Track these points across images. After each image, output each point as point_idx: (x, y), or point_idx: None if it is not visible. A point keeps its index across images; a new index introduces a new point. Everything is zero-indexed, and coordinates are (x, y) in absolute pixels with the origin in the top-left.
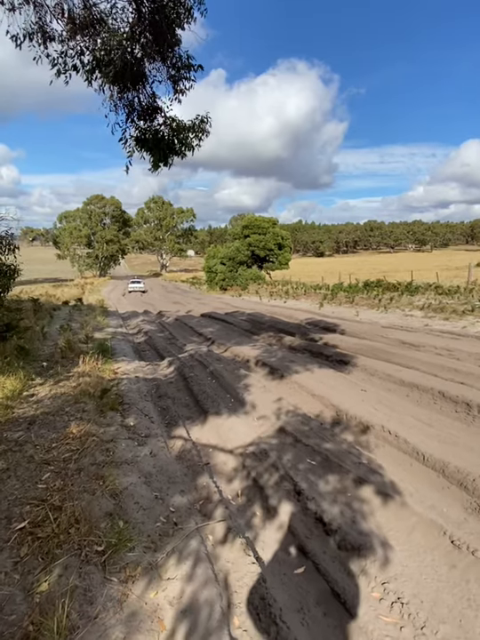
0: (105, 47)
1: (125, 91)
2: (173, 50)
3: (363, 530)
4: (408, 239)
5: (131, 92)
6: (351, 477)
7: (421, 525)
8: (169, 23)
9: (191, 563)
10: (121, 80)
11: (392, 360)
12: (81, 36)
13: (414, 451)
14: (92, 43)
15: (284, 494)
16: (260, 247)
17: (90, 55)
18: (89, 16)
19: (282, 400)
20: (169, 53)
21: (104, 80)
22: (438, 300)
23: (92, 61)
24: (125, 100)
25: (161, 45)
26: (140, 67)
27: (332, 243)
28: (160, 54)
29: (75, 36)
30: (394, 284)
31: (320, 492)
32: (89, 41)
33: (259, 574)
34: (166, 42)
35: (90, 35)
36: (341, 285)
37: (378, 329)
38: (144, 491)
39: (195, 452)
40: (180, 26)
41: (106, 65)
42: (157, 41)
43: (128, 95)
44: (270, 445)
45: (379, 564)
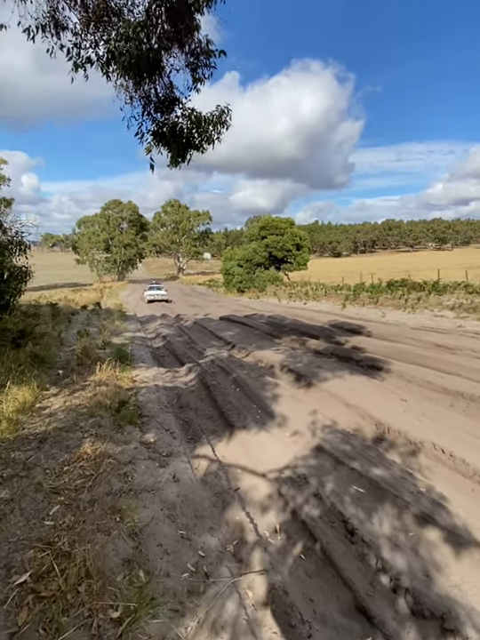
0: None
1: (141, 82)
2: (192, 35)
3: (440, 591)
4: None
5: (147, 83)
6: (411, 512)
7: None
8: (188, 5)
9: (228, 636)
10: (137, 70)
11: (428, 365)
12: (95, 27)
13: (475, 473)
14: (106, 33)
15: (333, 534)
16: (277, 248)
17: (105, 46)
18: (103, 4)
19: (315, 412)
20: (187, 39)
21: (120, 72)
22: (470, 299)
23: (106, 53)
24: (141, 91)
25: (178, 31)
26: (157, 55)
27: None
28: (178, 41)
29: (89, 26)
30: (419, 283)
31: (377, 532)
32: (103, 32)
33: None
34: (184, 26)
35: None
36: (363, 285)
37: (407, 331)
38: (168, 528)
39: (222, 474)
40: (200, 10)
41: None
42: (175, 26)
43: (144, 86)
44: (309, 468)
45: None
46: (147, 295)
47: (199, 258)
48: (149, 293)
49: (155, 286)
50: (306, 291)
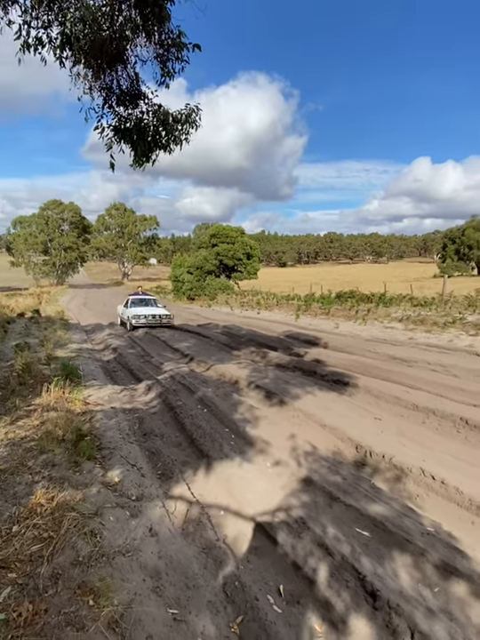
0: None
1: (102, 71)
2: (162, 25)
3: None
4: (366, 251)
5: (108, 73)
6: (429, 560)
7: None
8: None
9: None
10: (96, 58)
11: (392, 379)
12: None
13: (472, 504)
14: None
15: (350, 596)
16: (228, 256)
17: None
18: None
19: (294, 437)
20: (156, 29)
21: (76, 58)
22: (416, 311)
23: (60, 35)
24: (102, 81)
25: (146, 19)
26: (120, 43)
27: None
28: (145, 29)
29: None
30: (367, 295)
31: (400, 590)
32: (58, 12)
33: None
34: (153, 14)
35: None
36: (314, 296)
37: (362, 342)
38: (155, 607)
39: (205, 520)
40: None
41: (77, 40)
42: (142, 13)
43: (105, 76)
44: (302, 508)
45: None
46: (131, 317)
47: (145, 263)
48: (137, 314)
49: (144, 299)
50: (257, 300)
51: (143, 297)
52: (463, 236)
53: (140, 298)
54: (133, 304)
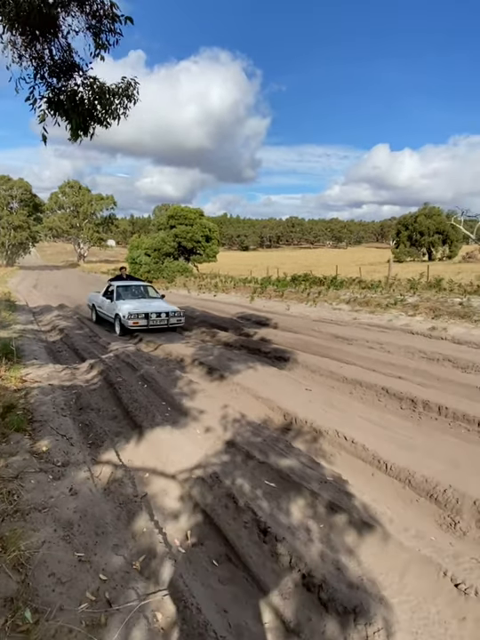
0: None
1: (33, 39)
2: None
3: (352, 580)
4: (326, 236)
5: (40, 42)
6: (320, 502)
7: (415, 565)
8: None
9: None
10: (26, 25)
11: (330, 355)
12: None
13: (375, 458)
14: None
15: (246, 534)
16: (187, 239)
17: None
18: None
19: (227, 407)
20: None
21: (4, 24)
22: (363, 293)
23: None
24: (33, 50)
25: None
26: (52, 11)
27: (257, 237)
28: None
29: None
30: (320, 278)
31: (289, 526)
32: None
33: None
34: None
35: None
36: (270, 279)
37: (310, 323)
38: (62, 552)
39: (127, 480)
40: None
41: (4, 5)
42: None
43: (36, 45)
44: (220, 465)
45: (384, 636)
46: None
47: (102, 245)
48: (133, 311)
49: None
50: (215, 283)
51: (131, 283)
52: (415, 223)
53: (127, 285)
54: (121, 295)
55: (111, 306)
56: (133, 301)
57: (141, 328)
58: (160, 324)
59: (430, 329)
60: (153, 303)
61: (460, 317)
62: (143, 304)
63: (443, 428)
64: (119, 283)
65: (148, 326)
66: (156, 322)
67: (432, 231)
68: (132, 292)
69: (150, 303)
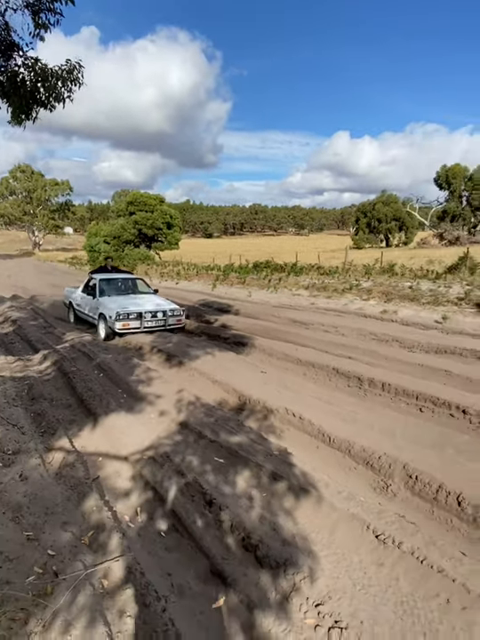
0: None
1: None
2: None
3: (286, 538)
4: (289, 223)
5: None
6: (264, 473)
7: (343, 522)
8: None
9: (79, 632)
10: None
11: (288, 339)
12: None
13: (320, 432)
14: None
15: (193, 506)
16: (147, 225)
17: None
18: None
19: (182, 391)
20: None
21: None
22: (321, 279)
23: None
24: None
25: None
26: None
27: (220, 224)
28: None
29: None
30: (281, 265)
31: (233, 496)
32: None
33: (170, 626)
34: None
35: None
36: (232, 266)
37: (270, 309)
38: (11, 532)
39: (79, 465)
40: None
41: None
42: None
43: None
44: (172, 445)
45: (309, 581)
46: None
47: (59, 232)
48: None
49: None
50: (178, 270)
51: (118, 276)
52: (374, 210)
53: (112, 278)
54: (105, 290)
55: (93, 304)
56: (121, 298)
57: (133, 331)
58: (156, 326)
59: (382, 312)
60: (145, 300)
61: (409, 300)
62: (134, 301)
63: (385, 402)
64: (103, 275)
65: (142, 329)
66: (152, 323)
67: (389, 218)
68: (118, 286)
69: (142, 300)
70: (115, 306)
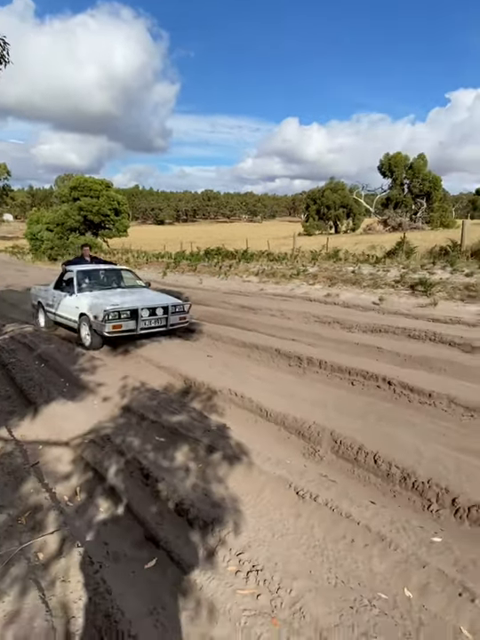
0: None
1: None
2: None
3: (216, 501)
4: (242, 210)
5: None
6: (201, 447)
7: (270, 483)
8: None
9: (12, 598)
10: None
11: (236, 324)
12: None
13: (258, 408)
14: None
15: (131, 481)
16: (93, 212)
17: None
18: None
19: (127, 377)
20: None
21: None
22: (270, 266)
23: None
24: None
25: None
26: None
27: (172, 211)
28: None
29: None
30: (232, 251)
31: (169, 469)
32: None
33: (101, 584)
34: None
35: None
36: (184, 254)
37: (220, 295)
38: None
39: (18, 452)
40: None
41: None
42: None
43: None
44: (114, 428)
45: (233, 535)
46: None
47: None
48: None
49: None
50: (127, 258)
51: (100, 267)
52: (323, 197)
53: (93, 269)
54: (85, 285)
55: (72, 302)
56: (107, 293)
57: (127, 334)
58: (156, 327)
59: (325, 295)
60: (137, 294)
61: (351, 284)
62: (124, 297)
63: (321, 379)
64: (80, 267)
65: (138, 331)
66: (150, 323)
67: (337, 205)
68: (101, 279)
69: (133, 295)
70: (101, 302)
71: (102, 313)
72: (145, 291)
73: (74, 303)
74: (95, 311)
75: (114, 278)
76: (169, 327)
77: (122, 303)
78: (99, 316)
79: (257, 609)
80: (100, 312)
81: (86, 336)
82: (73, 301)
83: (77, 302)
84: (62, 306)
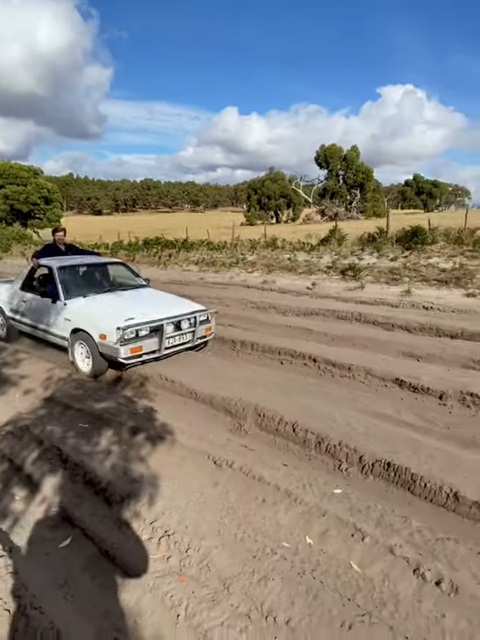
0: None
1: None
2: None
3: (134, 478)
4: (184, 200)
5: None
6: (125, 429)
7: (190, 457)
8: None
9: None
10: None
11: None
12: None
13: (188, 391)
14: None
15: (48, 468)
16: (20, 201)
17: None
18: None
19: (54, 369)
20: None
21: None
22: (210, 254)
23: None
24: None
25: None
26: None
27: (110, 200)
28: None
29: None
30: (171, 241)
31: (90, 453)
32: None
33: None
34: None
35: None
36: (121, 244)
37: (159, 285)
38: None
39: None
40: None
41: None
42: None
43: None
44: (34, 419)
45: (147, 506)
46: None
47: None
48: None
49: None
50: None
51: (85, 260)
52: (263, 187)
53: (80, 265)
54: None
55: (56, 312)
56: (108, 299)
57: (146, 359)
58: (181, 344)
59: (263, 282)
60: (147, 299)
61: (287, 271)
62: (133, 304)
63: (252, 360)
64: (61, 261)
65: (162, 351)
66: (175, 340)
67: (278, 195)
68: (91, 277)
69: (142, 300)
70: (109, 315)
71: (115, 331)
72: (152, 292)
73: (61, 313)
74: (102, 328)
75: (108, 276)
76: (196, 341)
77: (137, 315)
78: (109, 336)
79: (166, 570)
80: (111, 330)
81: (84, 360)
82: (59, 311)
83: (67, 313)
84: (38, 315)
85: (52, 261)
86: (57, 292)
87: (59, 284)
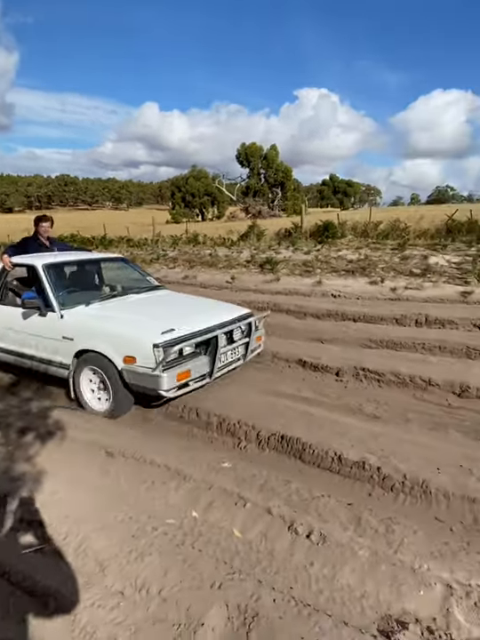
0: None
1: None
2: None
3: (14, 476)
4: (105, 197)
5: None
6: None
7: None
8: None
9: None
10: None
11: None
12: None
13: None
14: None
15: None
16: None
17: None
18: None
19: None
20: None
21: None
22: (130, 251)
23: None
24: None
25: None
26: None
27: (22, 197)
28: None
29: None
30: (89, 238)
31: None
32: None
33: None
34: None
35: None
36: None
37: None
38: None
39: None
40: None
41: None
42: None
43: None
44: None
45: (26, 503)
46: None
47: None
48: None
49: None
50: None
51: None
52: (187, 185)
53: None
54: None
55: (42, 327)
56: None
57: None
58: (233, 361)
59: (184, 277)
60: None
61: (208, 266)
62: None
63: None
64: (43, 258)
65: (215, 374)
66: (227, 357)
67: (202, 193)
68: (91, 280)
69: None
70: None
71: (152, 351)
72: (175, 295)
73: (55, 329)
74: (127, 346)
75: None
76: (247, 356)
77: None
78: (141, 358)
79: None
80: (144, 348)
81: (95, 394)
82: (52, 326)
83: (65, 328)
84: (17, 332)
85: (32, 258)
86: (47, 300)
87: (49, 289)
